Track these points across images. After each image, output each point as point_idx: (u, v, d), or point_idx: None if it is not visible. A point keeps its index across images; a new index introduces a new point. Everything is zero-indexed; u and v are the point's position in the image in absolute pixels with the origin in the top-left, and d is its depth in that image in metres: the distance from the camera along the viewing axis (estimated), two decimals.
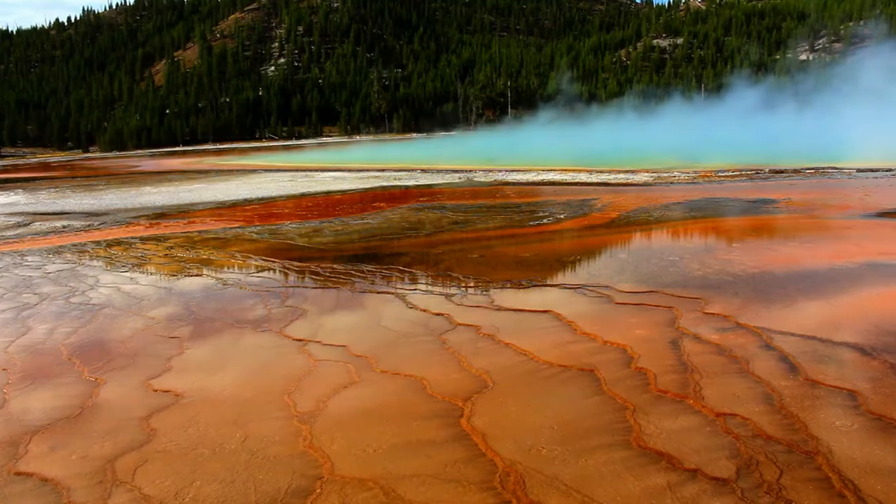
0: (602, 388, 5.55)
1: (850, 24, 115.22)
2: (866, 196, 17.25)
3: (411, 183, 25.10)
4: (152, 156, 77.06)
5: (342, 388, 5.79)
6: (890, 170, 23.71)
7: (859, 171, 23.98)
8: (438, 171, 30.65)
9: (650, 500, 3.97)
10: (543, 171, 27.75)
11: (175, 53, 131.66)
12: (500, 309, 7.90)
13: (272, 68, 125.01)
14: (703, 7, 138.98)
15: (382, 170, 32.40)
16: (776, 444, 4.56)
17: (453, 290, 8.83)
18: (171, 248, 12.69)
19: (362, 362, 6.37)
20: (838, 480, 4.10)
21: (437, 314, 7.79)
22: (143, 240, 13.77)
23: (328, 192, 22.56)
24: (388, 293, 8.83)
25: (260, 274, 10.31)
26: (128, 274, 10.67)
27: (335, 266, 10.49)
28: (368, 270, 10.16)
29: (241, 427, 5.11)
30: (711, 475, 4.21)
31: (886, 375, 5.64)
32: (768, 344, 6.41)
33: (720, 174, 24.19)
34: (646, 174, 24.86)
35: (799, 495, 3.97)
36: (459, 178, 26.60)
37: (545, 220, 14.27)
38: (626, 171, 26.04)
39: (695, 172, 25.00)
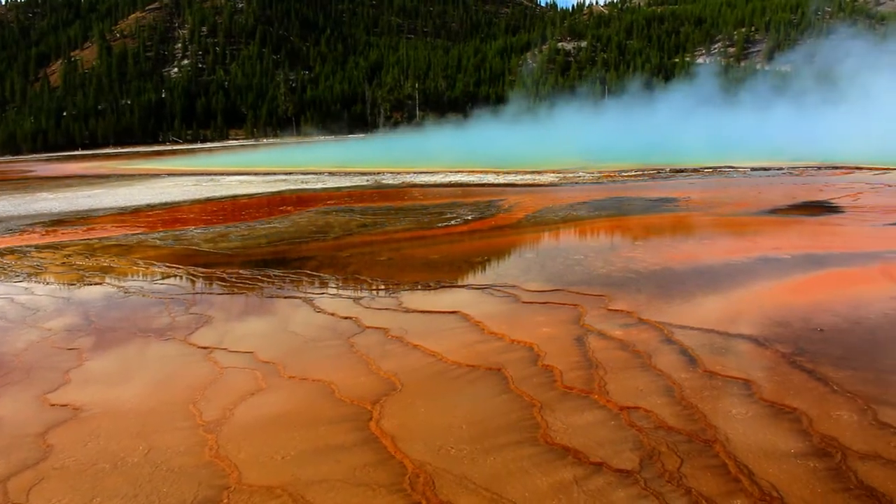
0: (510, 386, 5.63)
1: (743, 29, 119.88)
2: (760, 194, 18.01)
3: (319, 186, 24.87)
4: (49, 160, 74.02)
5: (249, 395, 5.71)
6: (781, 168, 24.82)
7: (753, 169, 25.00)
8: (346, 173, 30.47)
9: (558, 495, 4.05)
10: (451, 172, 27.90)
11: (72, 53, 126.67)
12: (408, 311, 7.92)
13: (175, 70, 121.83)
14: (606, 11, 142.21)
15: (290, 173, 31.98)
16: (677, 434, 4.73)
17: (362, 293, 8.80)
18: (70, 256, 12.23)
19: (270, 368, 6.29)
20: (734, 466, 4.29)
21: (346, 318, 7.76)
22: (39, 248, 13.22)
23: (234, 197, 22.14)
24: (295, 298, 8.74)
25: (164, 281, 10.05)
26: (22, 284, 10.23)
27: (242, 271, 10.31)
28: (276, 275, 10.03)
29: (144, 439, 4.98)
30: (616, 467, 4.33)
31: (778, 364, 5.92)
32: (669, 338, 6.63)
33: (623, 174, 24.80)
34: (552, 175, 25.28)
35: (698, 482, 4.13)
36: (367, 180, 26.51)
37: (453, 222, 14.36)
38: (533, 172, 26.42)
39: (599, 172, 25.56)
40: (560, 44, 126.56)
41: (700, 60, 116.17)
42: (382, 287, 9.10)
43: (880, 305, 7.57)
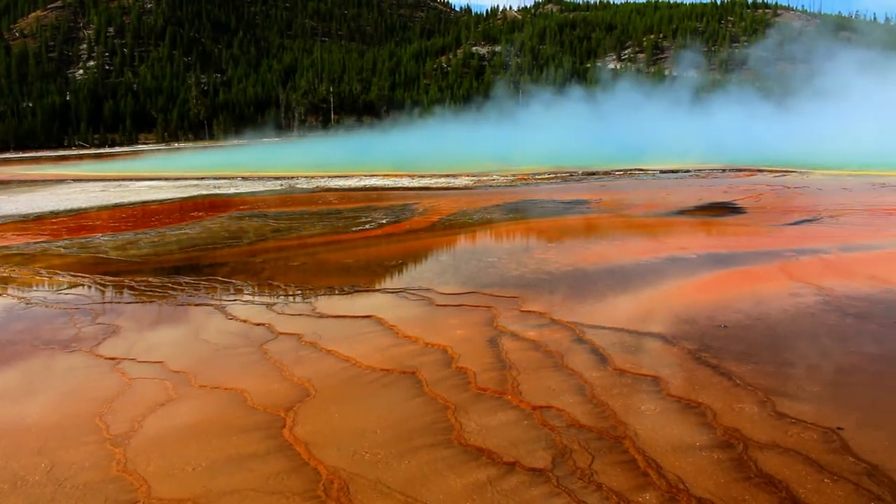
0: (424, 389, 5.65)
1: (652, 36, 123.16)
2: (668, 195, 18.55)
3: (232, 191, 24.43)
4: None
5: (159, 406, 5.57)
6: (688, 171, 25.62)
7: (662, 172, 25.73)
8: (260, 178, 30.01)
9: (472, 496, 4.09)
10: (366, 176, 27.83)
11: None
12: (322, 316, 7.87)
13: (81, 71, 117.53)
14: (520, 16, 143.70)
15: (201, 178, 31.28)
16: (588, 432, 4.83)
17: (275, 299, 8.70)
18: None
19: (180, 378, 6.15)
20: (643, 461, 4.41)
21: (259, 324, 7.66)
22: None
23: (144, 202, 21.54)
24: (207, 305, 8.57)
25: (69, 291, 9.70)
26: None
27: (151, 279, 10.05)
28: (187, 282, 9.81)
29: (46, 456, 4.80)
30: (529, 466, 4.40)
31: (685, 361, 6.11)
32: (581, 338, 6.77)
33: (537, 177, 25.18)
34: (466, 178, 25.48)
35: (608, 478, 4.23)
36: (281, 185, 26.18)
37: (368, 226, 14.33)
38: (448, 175, 26.58)
39: (513, 175, 25.89)
40: (475, 48, 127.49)
41: (611, 66, 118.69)
42: (296, 292, 9.01)
43: (780, 302, 7.90)
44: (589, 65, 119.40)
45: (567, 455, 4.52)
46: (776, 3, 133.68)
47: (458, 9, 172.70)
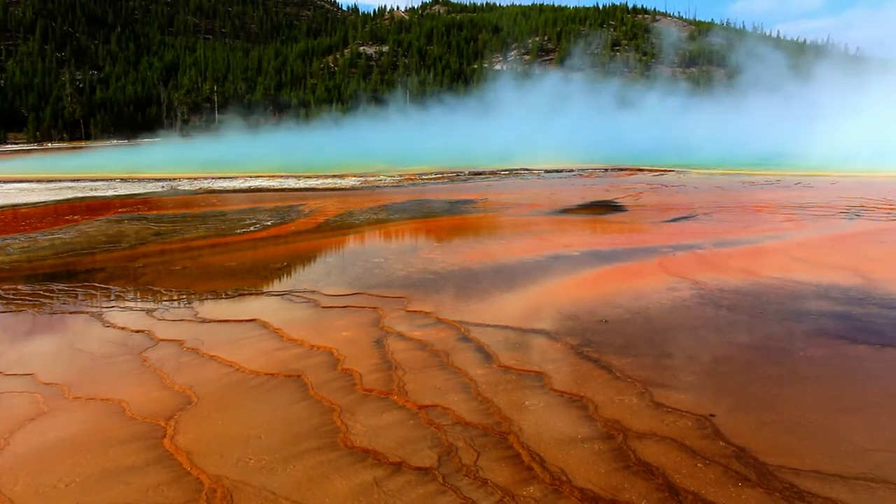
0: (309, 392, 5.59)
1: (537, 38, 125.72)
2: (552, 195, 18.97)
3: (110, 193, 23.51)
4: None
5: (28, 420, 5.30)
6: (572, 170, 26.29)
7: (547, 171, 26.31)
8: (140, 179, 29.00)
9: (358, 498, 4.07)
10: (251, 177, 27.30)
11: None
12: (205, 321, 7.66)
13: None
14: (407, 17, 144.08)
15: (77, 179, 29.97)
16: (474, 429, 4.88)
17: (155, 305, 8.41)
18: None
19: (53, 390, 5.87)
20: (527, 455, 4.49)
21: (138, 331, 7.39)
22: None
23: (14, 206, 20.46)
24: (82, 313, 8.21)
25: None
26: None
27: (21, 287, 9.55)
28: (61, 290, 9.36)
29: None
30: (415, 465, 4.41)
31: (568, 356, 6.26)
32: (466, 336, 6.83)
33: (424, 177, 25.30)
34: (353, 178, 25.36)
35: (493, 473, 4.28)
36: (163, 186, 25.38)
37: (252, 228, 14.05)
38: (335, 176, 26.39)
39: (400, 176, 25.93)
40: (362, 48, 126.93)
41: (497, 67, 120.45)
42: (177, 297, 8.74)
43: (658, 296, 8.20)
44: (476, 66, 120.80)
45: (453, 453, 4.55)
46: (655, 8, 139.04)
47: (345, 8, 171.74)
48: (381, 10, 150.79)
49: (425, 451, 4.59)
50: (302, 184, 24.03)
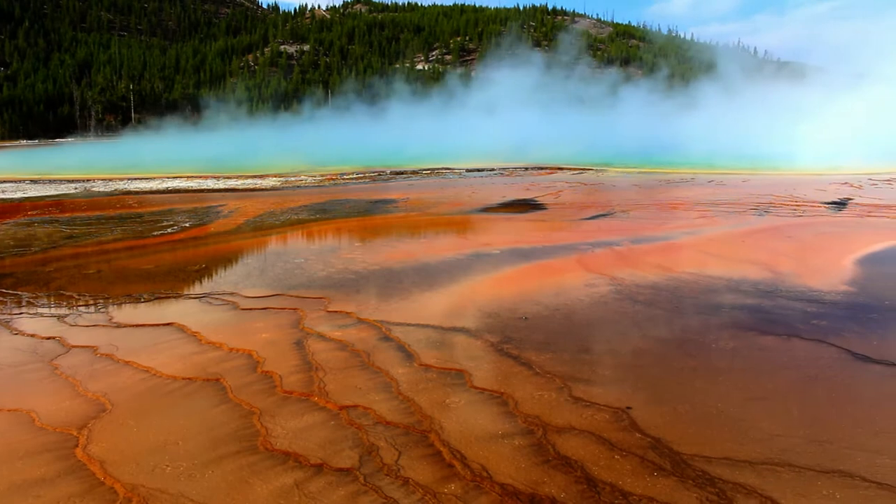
0: (228, 395, 5.50)
1: (458, 38, 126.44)
2: (474, 193, 19.11)
3: (19, 195, 22.62)
4: None
5: None
6: (493, 169, 26.53)
7: (469, 171, 26.49)
8: (52, 181, 27.98)
9: (278, 501, 4.03)
10: (169, 178, 26.66)
11: None
12: (120, 326, 7.46)
13: None
14: (328, 16, 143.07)
15: None
16: (395, 428, 4.88)
17: (67, 311, 8.14)
18: None
19: None
20: (448, 453, 4.51)
21: (48, 338, 7.13)
22: None
23: None
24: None
25: None
26: None
27: None
28: None
29: None
30: (336, 467, 4.39)
31: (488, 353, 6.32)
32: (387, 336, 6.83)
33: (345, 176, 25.18)
34: (274, 179, 25.05)
35: (415, 472, 4.29)
36: (76, 188, 24.56)
37: (169, 230, 13.73)
38: (255, 177, 26.01)
39: (322, 175, 25.74)
40: (283, 46, 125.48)
41: (420, 66, 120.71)
42: (91, 302, 8.48)
43: (576, 292, 8.35)
44: (398, 65, 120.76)
45: (374, 452, 4.55)
46: (573, 10, 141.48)
47: (265, 6, 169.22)
48: (303, 9, 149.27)
49: (346, 452, 4.57)
50: (222, 184, 23.61)
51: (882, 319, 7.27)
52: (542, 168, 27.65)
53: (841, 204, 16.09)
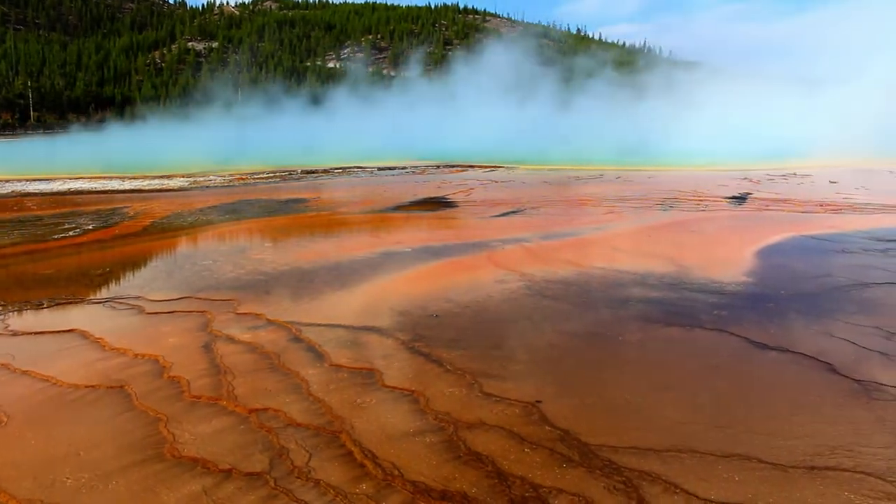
0: (134, 403, 5.35)
1: (370, 36, 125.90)
2: (385, 192, 19.09)
3: None
4: None
5: None
6: (404, 168, 26.56)
7: (380, 169, 26.46)
8: None
9: None
10: (71, 179, 25.68)
11: None
12: (16, 334, 7.15)
13: None
14: (237, 12, 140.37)
15: None
16: (306, 430, 4.84)
17: None
18: None
19: None
20: (360, 453, 4.50)
21: None
22: None
23: None
24: None
25: None
26: None
27: None
28: None
29: None
30: (246, 471, 4.32)
31: (399, 351, 6.33)
32: (297, 337, 6.76)
33: (255, 176, 24.79)
34: (182, 179, 24.45)
35: (326, 474, 4.27)
36: None
37: (72, 233, 13.23)
38: (162, 177, 25.32)
39: (231, 175, 25.27)
40: (190, 43, 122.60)
41: (331, 65, 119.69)
42: None
43: (487, 289, 8.44)
44: (309, 63, 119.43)
45: (284, 455, 4.50)
46: (485, 10, 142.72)
47: (172, 2, 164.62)
48: (211, 5, 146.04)
49: (256, 456, 4.51)
50: (127, 185, 22.89)
51: (778, 308, 7.58)
52: (453, 166, 27.83)
53: (741, 198, 16.71)
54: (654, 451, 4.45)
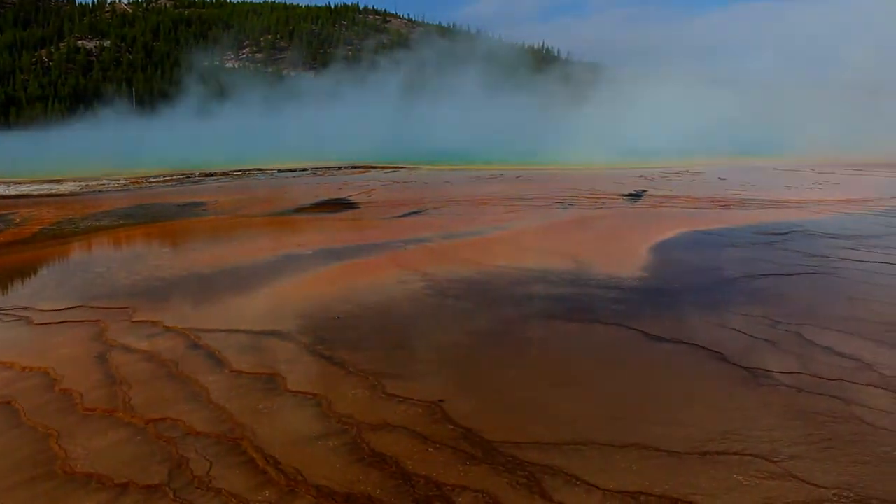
0: (22, 419, 5.12)
1: (269, 36, 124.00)
2: (286, 194, 18.92)
3: None
4: None
5: None
6: (306, 169, 26.33)
7: (280, 171, 26.16)
8: None
9: None
10: None
11: None
12: None
13: None
14: (130, 10, 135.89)
15: None
16: (206, 438, 4.73)
17: None
18: None
19: None
20: (262, 459, 4.43)
21: None
22: None
23: None
24: None
25: None
26: None
27: None
28: None
29: None
30: (143, 484, 4.20)
31: (301, 355, 6.26)
32: (196, 343, 6.60)
33: (152, 180, 24.13)
34: (73, 183, 23.58)
35: (227, 482, 4.19)
36: None
37: None
38: (51, 182, 24.35)
39: (126, 179, 24.54)
40: (80, 42, 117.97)
41: (230, 65, 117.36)
42: None
43: (389, 290, 8.43)
44: (206, 63, 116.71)
45: (184, 465, 4.39)
46: (385, 10, 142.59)
47: None
48: (102, 2, 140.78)
49: (154, 468, 4.38)
50: (13, 190, 21.90)
51: (672, 301, 7.86)
52: (355, 167, 27.74)
53: (637, 196, 17.22)
54: (555, 446, 4.54)
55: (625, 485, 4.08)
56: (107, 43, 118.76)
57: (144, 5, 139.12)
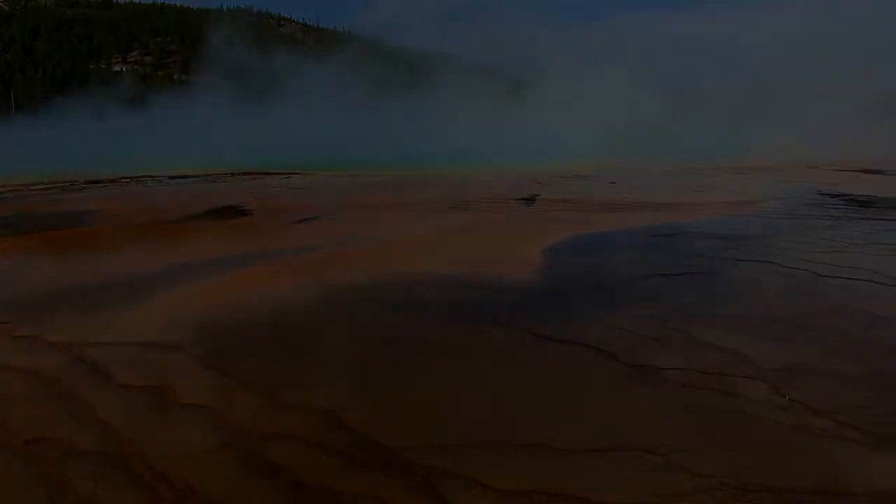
0: None
1: (158, 39, 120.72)
2: (177, 201, 18.44)
3: None
4: None
5: None
6: (198, 176, 25.74)
7: (171, 178, 25.50)
8: None
9: None
10: None
11: None
12: None
13: None
14: (7, 8, 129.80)
15: None
16: (90, 457, 4.55)
17: None
18: None
19: None
20: (151, 476, 4.29)
21: None
22: None
23: None
24: None
25: None
26: None
27: None
28: None
29: None
30: None
31: (192, 366, 6.11)
32: (80, 358, 6.34)
33: (33, 187, 23.13)
34: None
35: (115, 501, 4.04)
36: None
37: None
38: None
39: (2, 187, 23.37)
40: None
41: (117, 68, 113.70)
42: None
43: (282, 298, 8.32)
44: (92, 66, 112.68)
45: (67, 488, 4.21)
46: (279, 14, 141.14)
47: None
48: None
49: (33, 492, 4.17)
50: None
51: (564, 302, 8.07)
52: (248, 173, 27.29)
53: (530, 199, 17.56)
54: (449, 449, 4.57)
55: (518, 484, 4.15)
56: None
57: (23, 3, 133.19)
